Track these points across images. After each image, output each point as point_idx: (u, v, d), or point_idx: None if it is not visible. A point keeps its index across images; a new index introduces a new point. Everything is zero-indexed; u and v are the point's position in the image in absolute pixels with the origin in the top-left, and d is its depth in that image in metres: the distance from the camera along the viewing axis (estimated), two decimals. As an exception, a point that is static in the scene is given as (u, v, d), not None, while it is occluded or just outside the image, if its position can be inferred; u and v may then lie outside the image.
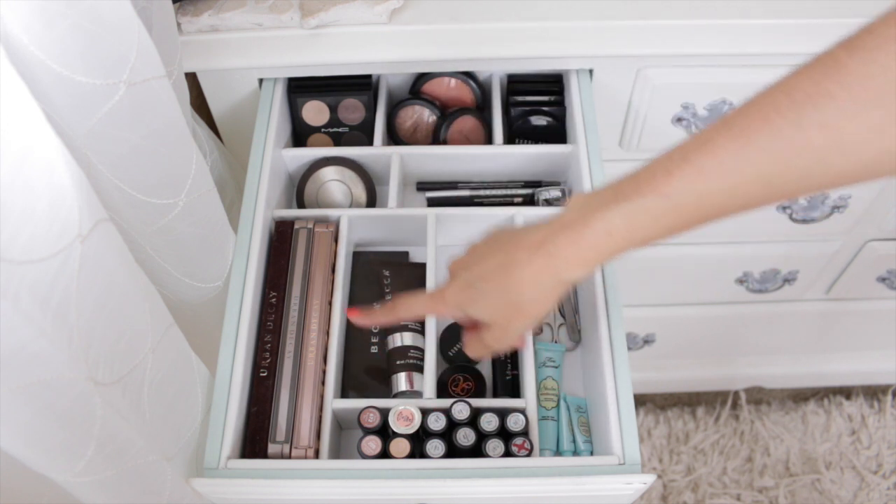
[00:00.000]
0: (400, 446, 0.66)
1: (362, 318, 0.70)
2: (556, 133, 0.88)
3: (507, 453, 0.66)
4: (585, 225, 0.55)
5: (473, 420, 0.67)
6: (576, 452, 0.72)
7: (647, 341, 1.39)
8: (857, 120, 0.45)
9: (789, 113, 0.47)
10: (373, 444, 0.66)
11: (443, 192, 0.86)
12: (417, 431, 0.67)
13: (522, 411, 0.68)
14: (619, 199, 0.54)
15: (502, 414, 0.67)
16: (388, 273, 0.80)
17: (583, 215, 0.56)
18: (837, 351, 1.47)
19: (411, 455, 0.66)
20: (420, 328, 0.76)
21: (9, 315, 0.41)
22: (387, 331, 0.76)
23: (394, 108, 0.90)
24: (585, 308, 0.77)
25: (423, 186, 0.88)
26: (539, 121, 0.88)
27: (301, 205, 0.85)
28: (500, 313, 0.61)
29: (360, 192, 0.85)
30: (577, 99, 0.85)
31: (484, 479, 0.63)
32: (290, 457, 0.67)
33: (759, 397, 1.55)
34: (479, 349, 0.65)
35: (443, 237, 0.82)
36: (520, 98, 0.88)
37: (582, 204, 0.57)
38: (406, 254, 0.84)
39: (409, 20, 0.82)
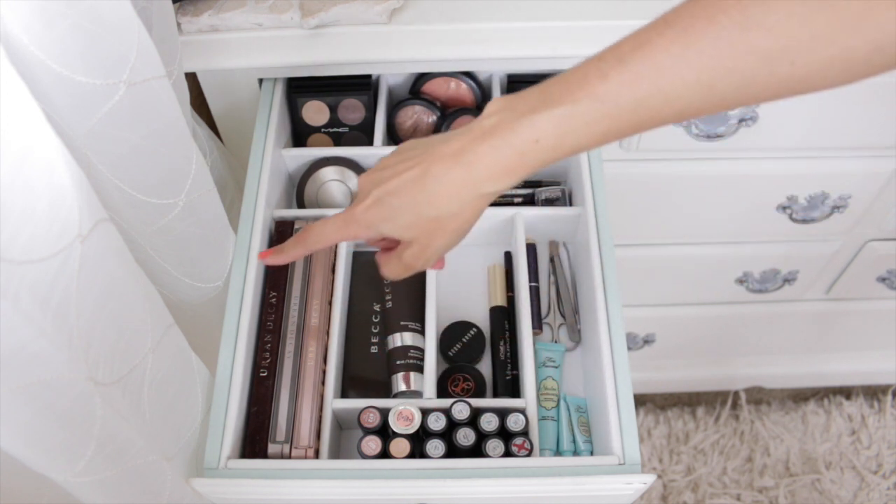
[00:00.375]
0: (400, 446, 0.66)
1: (274, 258, 0.66)
2: (556, 133, 0.88)
3: (507, 453, 0.66)
4: (510, 131, 0.51)
5: (473, 420, 0.67)
6: (576, 452, 0.72)
7: (647, 341, 1.39)
8: (806, 25, 0.43)
9: (735, 13, 0.44)
10: (373, 444, 0.66)
11: (443, 192, 0.86)
12: (417, 431, 0.67)
13: (522, 411, 0.68)
14: (549, 104, 0.51)
15: (502, 414, 0.67)
16: (388, 273, 0.80)
17: (506, 121, 0.52)
18: (837, 351, 1.47)
19: (411, 455, 0.66)
20: (420, 328, 0.76)
21: (9, 315, 0.41)
22: (387, 331, 0.76)
23: (394, 108, 0.90)
24: (585, 308, 0.77)
25: (423, 186, 0.88)
26: (539, 121, 0.88)
27: (301, 205, 0.85)
28: (417, 230, 0.57)
29: (360, 192, 0.85)
30: (577, 99, 0.85)
31: (484, 479, 0.63)
32: (290, 457, 0.67)
33: (759, 397, 1.55)
34: (397, 268, 0.61)
35: (443, 237, 0.82)
36: (520, 98, 0.88)
37: (503, 108, 0.53)
38: (406, 254, 0.84)
39: (409, 20, 0.82)
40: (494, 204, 0.84)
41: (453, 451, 0.67)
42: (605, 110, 0.49)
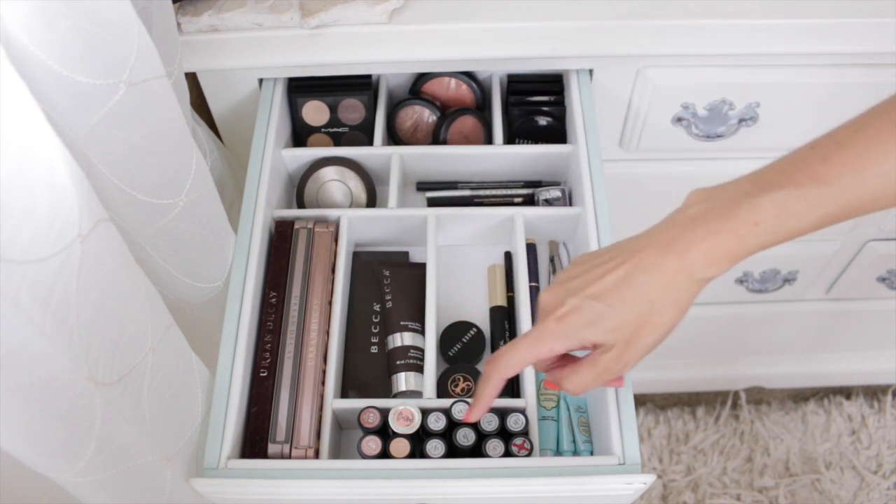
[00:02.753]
0: (400, 446, 0.66)
1: (476, 411, 0.62)
2: (556, 133, 0.88)
3: (507, 453, 0.66)
4: (726, 216, 0.51)
5: (473, 420, 0.67)
6: (576, 452, 0.72)
7: (647, 341, 1.39)
8: None
9: None
10: (373, 444, 0.66)
11: (443, 192, 0.86)
12: (417, 431, 0.67)
13: (522, 411, 0.68)
14: (767, 188, 0.51)
15: (502, 414, 0.67)
16: (388, 273, 0.80)
17: (718, 206, 0.52)
18: (837, 351, 1.47)
19: (411, 455, 0.66)
20: (420, 328, 0.76)
21: (9, 315, 0.41)
22: (387, 331, 0.76)
23: (394, 108, 0.90)
24: (585, 308, 0.77)
25: (423, 186, 0.88)
26: (539, 121, 0.88)
27: (301, 205, 0.85)
28: (625, 330, 0.54)
29: (360, 193, 0.85)
30: (576, 99, 0.85)
31: (484, 479, 0.63)
32: (290, 457, 0.67)
33: (759, 397, 1.55)
34: (588, 378, 0.57)
35: (443, 237, 0.82)
36: (520, 98, 0.88)
37: (708, 197, 0.53)
38: (406, 254, 0.84)
39: (409, 20, 0.82)
40: (495, 204, 0.85)
41: (453, 451, 0.67)
42: (829, 193, 0.50)
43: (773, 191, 0.51)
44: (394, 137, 0.92)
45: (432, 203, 0.86)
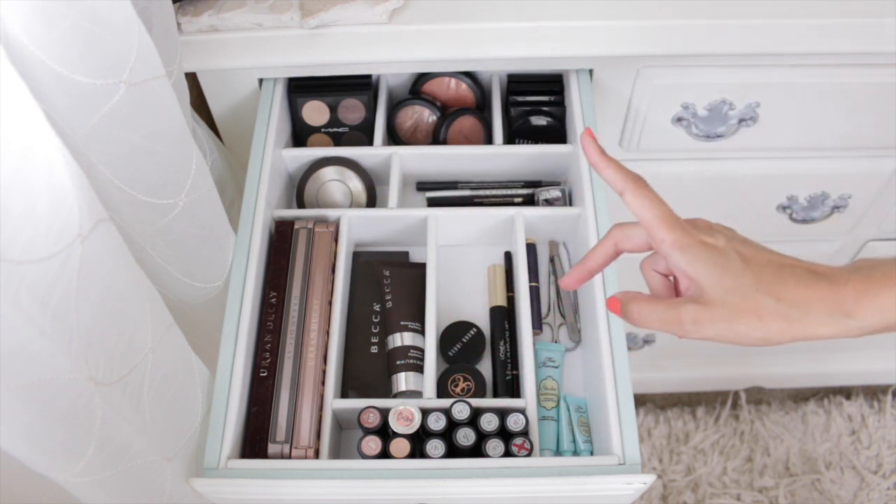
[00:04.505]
0: (400, 446, 0.66)
1: (577, 272, 0.58)
2: (556, 133, 0.88)
3: (507, 453, 0.66)
4: (890, 266, 0.49)
5: (473, 420, 0.67)
6: (576, 452, 0.72)
7: (647, 341, 1.39)
8: None
9: None
10: (373, 444, 0.66)
11: (443, 192, 0.86)
12: (417, 431, 0.67)
13: (522, 411, 0.68)
14: None
15: (502, 414, 0.67)
16: (388, 273, 0.80)
17: (883, 262, 0.49)
18: (837, 351, 1.47)
19: (411, 455, 0.66)
20: (420, 328, 0.76)
21: (9, 315, 0.41)
22: (387, 331, 0.76)
23: (394, 108, 0.90)
24: (585, 308, 0.77)
25: (423, 186, 0.88)
26: (539, 121, 0.88)
27: (301, 205, 0.85)
28: (736, 299, 0.50)
29: (360, 193, 0.85)
30: (577, 99, 0.85)
31: (484, 479, 0.63)
32: (290, 457, 0.67)
33: (759, 397, 1.55)
34: (664, 316, 0.52)
35: (443, 237, 0.82)
36: (520, 98, 0.88)
37: (876, 260, 0.51)
38: (406, 254, 0.84)
39: (409, 20, 0.82)
40: (495, 204, 0.85)
41: (453, 451, 0.67)
42: None
43: None
44: (394, 137, 0.92)
45: (432, 203, 0.86)
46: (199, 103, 0.91)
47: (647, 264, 0.57)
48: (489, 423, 0.67)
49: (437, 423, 0.67)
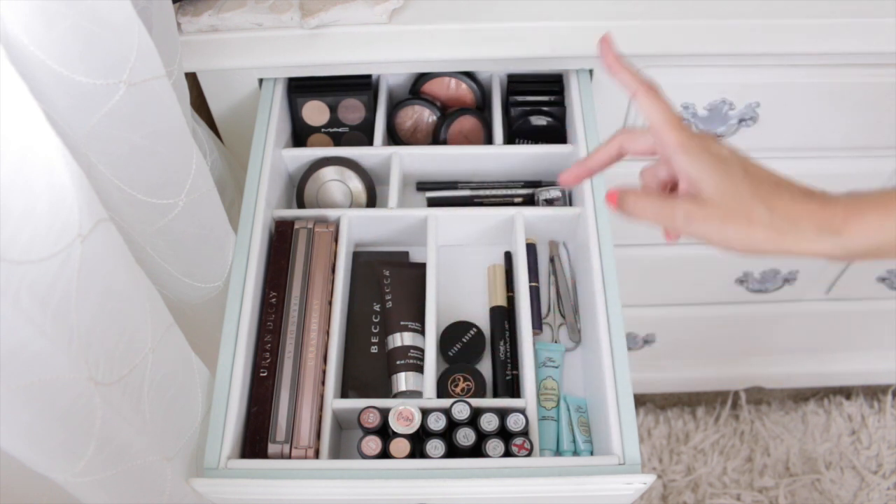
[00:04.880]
0: (400, 446, 0.66)
1: (579, 168, 0.60)
2: (556, 133, 0.88)
3: (507, 453, 0.66)
4: (876, 192, 0.50)
5: (473, 420, 0.67)
6: (576, 452, 0.72)
7: (647, 341, 1.39)
8: None
9: None
10: (373, 444, 0.66)
11: (443, 192, 0.86)
12: (417, 431, 0.67)
13: (522, 411, 0.68)
14: None
15: (502, 414, 0.67)
16: (388, 273, 0.80)
17: (869, 190, 0.51)
18: (837, 351, 1.47)
19: (411, 455, 0.66)
20: (420, 328, 0.76)
21: (9, 315, 0.41)
22: (387, 331, 0.76)
23: (394, 108, 0.90)
24: (585, 308, 0.77)
25: (423, 186, 0.88)
26: (539, 121, 0.88)
27: (301, 205, 0.85)
28: (732, 202, 0.51)
29: (360, 193, 0.85)
30: (577, 99, 0.85)
31: (484, 479, 0.63)
32: (290, 457, 0.67)
33: (759, 397, 1.55)
34: (661, 211, 0.54)
35: (443, 237, 0.82)
36: (520, 98, 0.88)
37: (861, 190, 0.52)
38: (406, 254, 0.84)
39: (409, 20, 0.82)
40: (495, 204, 0.85)
41: (453, 451, 0.67)
42: None
43: None
44: (394, 137, 0.92)
45: (432, 203, 0.86)
46: (199, 103, 0.91)
47: (649, 171, 0.59)
48: (489, 423, 0.67)
49: (437, 423, 0.67)
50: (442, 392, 0.73)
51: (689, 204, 0.53)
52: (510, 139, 0.89)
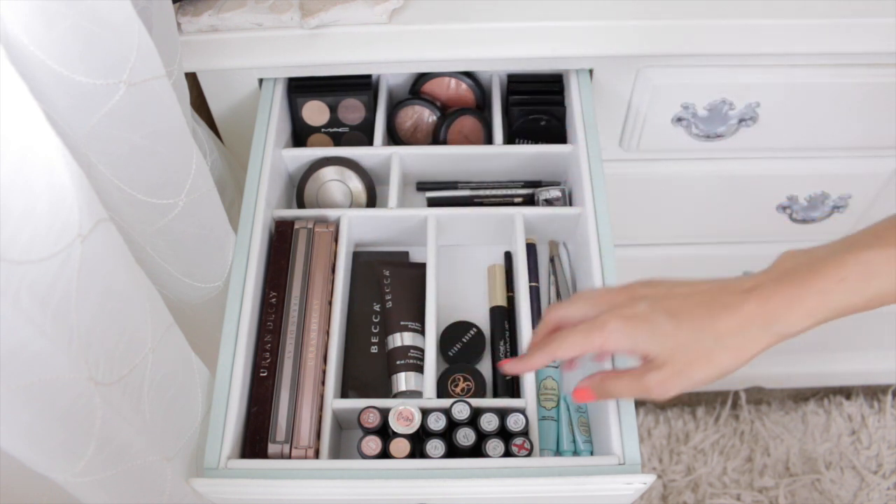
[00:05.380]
0: (400, 446, 0.66)
1: (516, 365, 0.63)
2: (556, 133, 0.88)
3: (507, 453, 0.66)
4: (813, 270, 0.51)
5: (473, 420, 0.67)
6: (576, 452, 0.72)
7: (647, 341, 1.39)
8: None
9: None
10: (373, 444, 0.66)
11: (443, 192, 0.86)
12: (417, 431, 0.67)
13: (522, 411, 0.68)
14: (856, 247, 0.51)
15: (502, 414, 0.67)
16: (388, 273, 0.80)
17: (806, 263, 0.52)
18: (837, 351, 1.47)
19: (411, 455, 0.66)
20: (420, 328, 0.76)
21: (9, 315, 0.41)
22: (387, 331, 0.76)
23: (394, 108, 0.90)
24: (585, 308, 0.77)
25: (423, 186, 0.88)
26: (539, 121, 0.88)
27: (301, 205, 0.85)
28: (683, 355, 0.54)
29: (360, 193, 0.85)
30: (577, 99, 0.85)
31: (484, 479, 0.63)
32: (290, 457, 0.67)
33: (759, 397, 1.55)
34: (629, 388, 0.57)
35: (443, 237, 0.82)
36: (520, 98, 0.88)
37: (799, 255, 0.53)
38: (406, 254, 0.84)
39: (409, 20, 0.82)
40: (495, 204, 0.85)
41: (453, 451, 0.67)
42: None
43: (861, 250, 0.51)
44: (394, 137, 0.92)
45: (432, 203, 0.86)
46: (199, 103, 0.91)
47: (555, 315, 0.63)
48: (489, 423, 0.67)
49: (437, 423, 0.67)
50: (442, 392, 0.73)
51: (653, 373, 0.55)
52: (510, 139, 0.89)
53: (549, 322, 0.62)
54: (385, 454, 0.66)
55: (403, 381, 0.73)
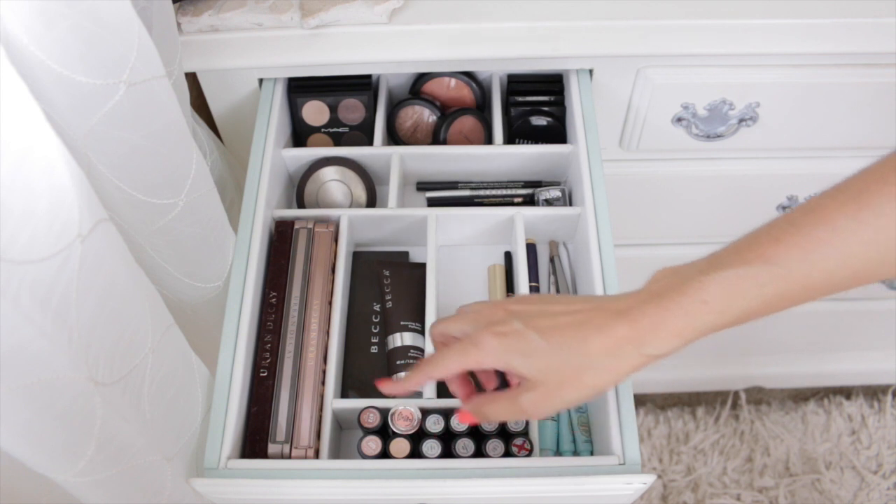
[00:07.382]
0: (400, 446, 0.66)
1: (393, 388, 0.62)
2: (556, 133, 0.88)
3: (507, 453, 0.66)
4: (678, 292, 0.51)
5: (473, 430, 0.67)
6: (576, 452, 0.72)
7: (647, 341, 1.39)
8: None
9: None
10: (373, 444, 0.66)
11: (443, 192, 0.86)
12: (417, 431, 0.67)
13: (522, 411, 0.68)
14: (718, 267, 0.51)
15: (502, 414, 0.67)
16: (388, 273, 0.80)
17: (674, 284, 0.52)
18: (837, 351, 1.47)
19: (411, 455, 0.66)
20: (420, 328, 0.76)
21: (9, 315, 0.41)
22: (387, 331, 0.76)
23: (394, 108, 0.90)
24: (585, 308, 0.77)
25: (423, 186, 0.88)
26: (539, 121, 0.88)
27: (301, 205, 0.85)
28: (553, 375, 0.53)
29: (360, 192, 0.85)
30: (577, 99, 0.85)
31: (484, 479, 0.63)
32: (290, 457, 0.67)
33: (759, 397, 1.55)
34: (506, 410, 0.56)
35: (443, 237, 0.82)
36: (520, 98, 0.88)
37: (670, 274, 0.53)
38: (406, 254, 0.84)
39: (409, 20, 0.82)
40: (495, 204, 0.85)
41: (452, 456, 0.67)
42: (777, 272, 0.49)
43: (722, 269, 0.51)
44: (394, 137, 0.92)
45: (432, 203, 0.86)
46: (199, 103, 0.91)
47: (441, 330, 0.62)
48: (489, 423, 0.67)
49: (435, 425, 0.67)
50: (442, 392, 0.73)
51: (526, 394, 0.54)
52: (510, 139, 0.89)
53: (433, 337, 0.62)
54: (385, 454, 0.66)
55: (403, 381, 0.73)
